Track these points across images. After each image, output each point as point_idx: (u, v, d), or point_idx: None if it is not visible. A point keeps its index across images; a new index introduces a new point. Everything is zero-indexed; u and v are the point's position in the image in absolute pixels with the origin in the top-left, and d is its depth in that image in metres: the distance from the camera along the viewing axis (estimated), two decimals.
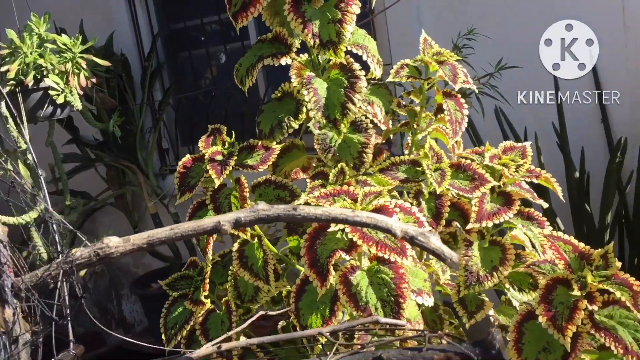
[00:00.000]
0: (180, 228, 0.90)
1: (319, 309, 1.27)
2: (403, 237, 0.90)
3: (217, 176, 1.40)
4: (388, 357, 0.81)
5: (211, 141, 1.50)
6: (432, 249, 0.89)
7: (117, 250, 0.90)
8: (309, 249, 1.24)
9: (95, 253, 0.89)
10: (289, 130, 1.48)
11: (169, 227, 0.91)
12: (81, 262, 0.89)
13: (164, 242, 0.90)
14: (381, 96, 1.54)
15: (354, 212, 0.93)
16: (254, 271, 1.46)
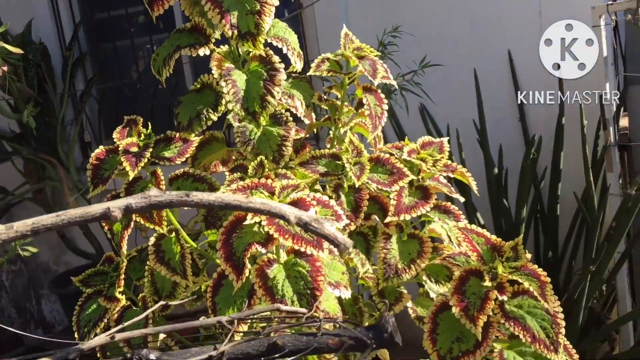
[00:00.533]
0: (67, 214, 0.87)
1: (235, 302, 1.25)
2: (297, 223, 0.90)
3: (132, 168, 1.36)
4: (283, 343, 0.81)
5: (127, 132, 1.46)
6: (326, 235, 0.90)
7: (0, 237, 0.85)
8: (224, 242, 1.22)
9: None
10: (207, 123, 1.45)
11: (55, 214, 0.87)
12: None
13: (50, 228, 0.86)
14: (302, 89, 1.53)
15: (247, 199, 0.92)
16: (171, 266, 1.42)
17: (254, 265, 1.22)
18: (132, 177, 1.37)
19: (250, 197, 0.92)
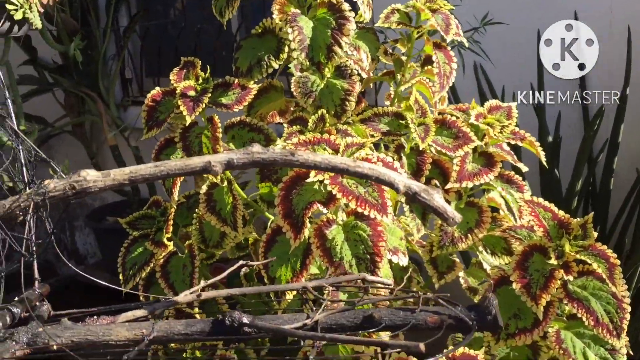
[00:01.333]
0: (167, 166, 0.82)
1: (289, 261, 1.21)
2: (406, 192, 0.85)
3: (189, 113, 1.30)
4: (380, 317, 0.76)
5: (183, 75, 1.40)
6: (435, 207, 0.84)
7: (96, 184, 0.81)
8: (284, 198, 1.17)
9: (70, 186, 0.81)
10: (268, 70, 1.38)
11: (154, 164, 0.82)
12: (55, 195, 0.80)
13: (147, 179, 0.82)
14: (368, 42, 1.45)
15: (355, 162, 0.86)
16: (222, 216, 1.38)
17: (312, 225, 1.17)
18: (189, 122, 1.32)
19: (357, 161, 0.86)
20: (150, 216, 1.55)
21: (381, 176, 0.85)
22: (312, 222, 1.18)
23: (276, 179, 1.34)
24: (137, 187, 3.57)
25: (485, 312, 0.80)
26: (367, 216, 1.14)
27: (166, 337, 0.75)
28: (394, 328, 0.77)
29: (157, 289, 1.51)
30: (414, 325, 0.77)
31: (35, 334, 0.74)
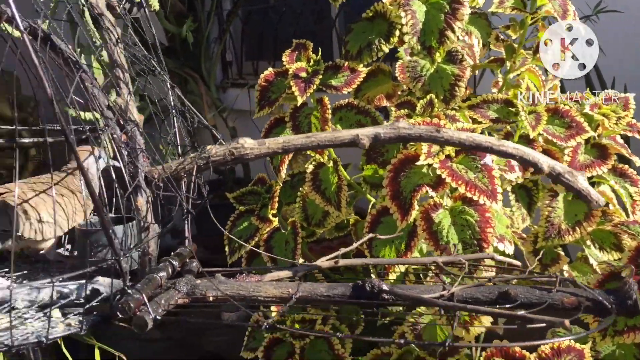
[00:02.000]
0: (317, 137, 0.87)
1: (393, 242, 1.23)
2: (549, 173, 0.85)
3: (301, 94, 1.34)
4: (516, 294, 0.77)
5: (295, 56, 1.44)
6: (579, 189, 0.84)
7: (252, 152, 0.87)
8: (392, 180, 1.19)
9: (230, 152, 0.88)
10: (378, 54, 1.40)
11: (305, 135, 0.87)
12: (216, 160, 0.88)
13: (299, 148, 0.87)
14: (480, 27, 1.43)
15: (499, 142, 0.87)
16: (326, 195, 1.42)
17: (419, 208, 1.18)
18: (300, 103, 1.36)
19: (501, 140, 0.87)
20: (256, 192, 1.61)
21: (525, 156, 0.85)
22: (418, 204, 1.19)
23: (382, 161, 1.36)
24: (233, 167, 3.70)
25: (626, 296, 0.78)
26: (476, 201, 1.14)
27: (310, 297, 0.80)
28: (529, 306, 0.77)
29: (259, 262, 1.57)
30: (550, 305, 0.77)
31: (193, 285, 0.81)
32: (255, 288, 0.81)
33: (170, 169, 0.87)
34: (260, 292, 0.81)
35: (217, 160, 0.88)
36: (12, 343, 0.71)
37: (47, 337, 0.73)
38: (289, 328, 1.15)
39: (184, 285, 0.80)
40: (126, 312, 0.71)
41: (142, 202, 0.79)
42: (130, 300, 0.72)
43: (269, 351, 1.51)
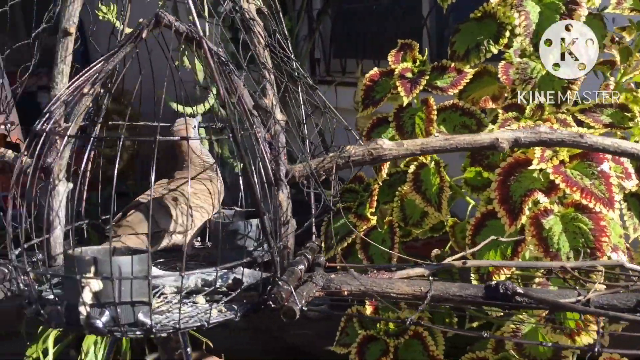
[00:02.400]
0: (456, 139, 0.89)
1: (499, 246, 1.21)
2: None
3: (407, 94, 1.35)
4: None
5: (401, 57, 1.44)
6: None
7: (390, 152, 0.90)
8: (501, 184, 1.17)
9: (368, 152, 0.90)
10: (486, 55, 1.38)
11: (444, 137, 0.89)
12: (355, 159, 0.91)
13: (437, 150, 0.89)
14: (595, 28, 1.38)
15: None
16: (427, 196, 1.42)
17: (528, 213, 1.16)
18: (406, 103, 1.36)
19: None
20: (353, 190, 1.63)
21: None
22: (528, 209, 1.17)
23: (488, 164, 1.34)
24: None
25: None
26: (590, 209, 1.11)
27: (442, 296, 0.81)
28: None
29: (354, 260, 1.59)
30: None
31: (329, 280, 0.84)
32: (388, 285, 0.83)
33: (310, 167, 0.90)
34: (393, 289, 0.82)
35: (356, 160, 0.90)
36: (179, 326, 0.76)
37: (209, 321, 0.77)
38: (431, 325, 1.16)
39: (320, 278, 0.83)
40: (278, 302, 0.75)
41: (283, 198, 0.82)
42: (282, 290, 0.75)
43: (362, 348, 1.53)
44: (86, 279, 0.74)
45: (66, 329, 0.77)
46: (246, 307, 0.82)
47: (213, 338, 2.62)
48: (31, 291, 0.81)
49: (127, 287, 0.75)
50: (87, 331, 0.76)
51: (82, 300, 0.74)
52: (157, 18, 0.79)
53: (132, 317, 0.76)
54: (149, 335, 0.77)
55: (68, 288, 0.78)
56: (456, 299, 0.81)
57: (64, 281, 0.79)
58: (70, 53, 0.97)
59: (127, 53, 0.81)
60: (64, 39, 0.96)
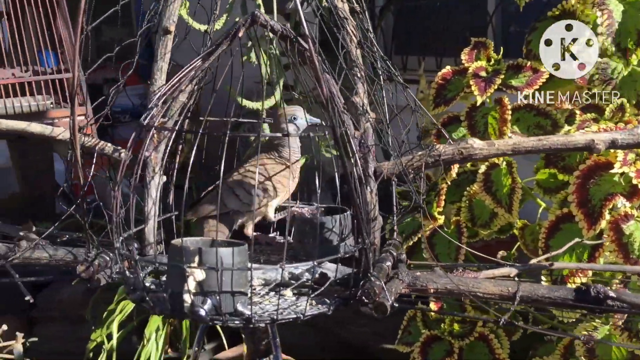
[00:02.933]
0: (549, 140, 0.88)
1: (574, 250, 1.19)
2: None
3: (481, 93, 1.33)
4: None
5: (474, 55, 1.42)
6: None
7: (481, 152, 0.90)
8: (579, 187, 1.15)
9: (459, 151, 0.91)
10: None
11: (537, 138, 0.88)
12: (445, 158, 0.91)
13: (529, 151, 0.88)
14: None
15: None
16: (497, 197, 1.40)
17: (608, 217, 1.13)
18: (479, 103, 1.35)
19: None
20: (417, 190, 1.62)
21: None
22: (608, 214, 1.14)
23: (563, 166, 1.31)
24: None
25: None
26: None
27: (531, 297, 0.81)
28: None
29: (418, 257, 1.58)
30: None
31: (414, 277, 0.85)
32: (475, 284, 0.83)
33: (401, 165, 0.90)
34: (480, 289, 0.82)
35: (445, 159, 0.90)
36: (276, 317, 0.79)
37: (304, 314, 0.80)
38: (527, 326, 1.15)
39: (407, 275, 0.83)
40: (371, 297, 0.76)
41: (371, 195, 0.83)
42: (375, 286, 0.76)
43: (425, 347, 1.52)
44: (191, 269, 0.77)
45: (170, 315, 0.79)
46: (338, 301, 0.83)
47: None
48: (138, 278, 0.84)
49: (227, 277, 0.78)
50: (191, 318, 0.78)
51: (186, 289, 0.77)
52: (253, 17, 0.81)
53: (232, 307, 0.79)
54: (248, 325, 0.79)
55: (172, 276, 0.80)
56: (545, 300, 0.80)
57: (168, 270, 0.82)
58: (169, 51, 1.00)
59: (223, 51, 0.83)
60: (164, 37, 1.00)
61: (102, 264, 0.86)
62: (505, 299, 0.81)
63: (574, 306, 0.81)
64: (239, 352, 2.68)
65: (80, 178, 0.88)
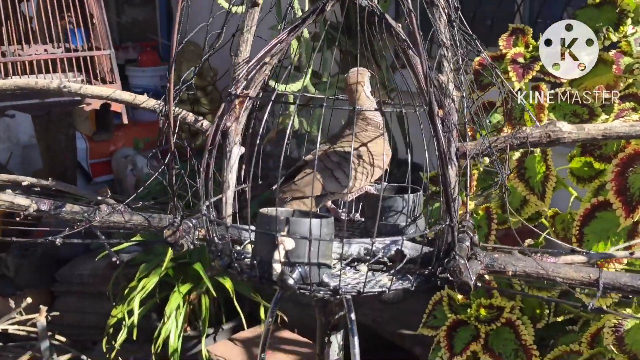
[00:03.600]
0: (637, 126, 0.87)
1: (609, 238, 1.19)
2: None
3: (519, 79, 1.33)
4: None
5: (512, 41, 1.42)
6: None
7: (570, 136, 0.90)
8: (618, 175, 1.15)
9: (546, 134, 0.91)
10: (605, 42, 1.34)
11: (629, 124, 0.88)
12: (532, 140, 0.91)
13: (621, 137, 0.88)
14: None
15: None
16: (530, 184, 1.40)
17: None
18: (517, 89, 1.34)
19: None
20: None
21: None
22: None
23: (600, 154, 1.31)
24: (396, 148, 3.73)
25: None
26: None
27: (613, 285, 0.81)
28: None
29: None
30: None
31: (492, 259, 0.85)
32: (555, 269, 0.83)
33: (482, 146, 0.90)
34: (560, 274, 0.83)
35: (532, 142, 0.90)
36: (362, 289, 0.81)
37: (390, 288, 0.82)
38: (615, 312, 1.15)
39: (486, 257, 0.84)
40: (457, 275, 0.77)
41: (452, 174, 0.84)
42: (460, 264, 0.77)
43: (451, 332, 1.53)
44: (282, 237, 0.78)
45: (258, 282, 0.81)
46: (420, 277, 0.84)
47: (286, 310, 2.68)
48: (227, 244, 0.85)
49: (315, 248, 0.79)
50: (279, 286, 0.79)
51: (276, 257, 0.78)
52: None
53: (318, 278, 0.80)
54: (335, 295, 0.80)
55: (262, 244, 0.81)
56: (627, 288, 0.80)
57: (257, 237, 0.83)
58: (256, 23, 1.01)
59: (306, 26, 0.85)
60: (251, 10, 1.00)
61: (186, 229, 0.88)
62: (586, 285, 0.81)
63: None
64: (257, 333, 2.71)
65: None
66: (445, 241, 0.83)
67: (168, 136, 0.84)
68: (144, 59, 4.69)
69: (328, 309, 1.00)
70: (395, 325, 2.55)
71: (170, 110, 0.83)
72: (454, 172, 0.85)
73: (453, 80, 0.92)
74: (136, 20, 5.37)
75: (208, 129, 1.00)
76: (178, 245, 0.88)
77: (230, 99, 0.90)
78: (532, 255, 0.87)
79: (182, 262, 2.71)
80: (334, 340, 1.08)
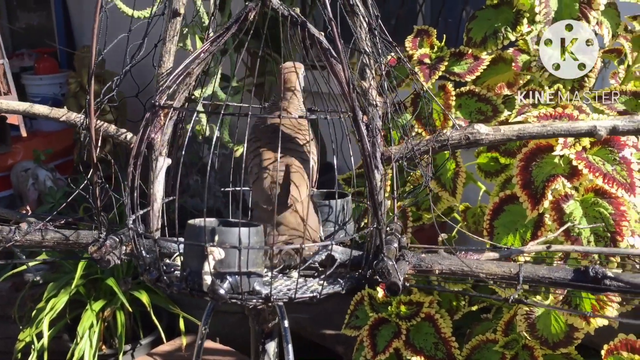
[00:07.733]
0: (553, 126, 0.90)
1: (517, 231, 1.24)
2: None
3: (426, 79, 1.36)
4: None
5: (417, 43, 1.45)
6: None
7: (487, 137, 0.91)
8: (523, 169, 1.19)
9: (465, 136, 0.91)
10: (504, 42, 1.40)
11: (541, 124, 0.90)
12: (452, 143, 0.91)
13: (534, 137, 0.90)
14: (609, 17, 1.41)
15: None
16: (442, 181, 1.43)
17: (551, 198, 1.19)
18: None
19: None
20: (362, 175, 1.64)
21: None
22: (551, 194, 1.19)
23: (505, 150, 1.36)
24: None
25: None
26: (609, 194, 1.14)
27: (532, 278, 0.83)
28: None
29: None
30: None
31: (420, 259, 0.86)
32: (478, 265, 0.85)
33: (405, 149, 0.91)
34: (483, 270, 0.85)
35: (452, 144, 0.92)
36: (294, 295, 0.80)
37: (320, 293, 0.81)
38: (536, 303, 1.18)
39: (413, 257, 0.85)
40: (385, 277, 0.77)
41: (378, 178, 0.84)
42: (388, 266, 0.77)
43: (373, 330, 1.55)
44: (211, 247, 0.76)
45: (188, 294, 0.78)
46: (350, 281, 0.84)
47: None
48: (156, 257, 0.83)
49: (245, 257, 0.78)
50: (210, 297, 0.77)
51: (206, 268, 0.76)
52: (263, 1, 0.80)
53: (248, 287, 0.79)
54: (267, 303, 0.80)
55: (191, 255, 0.80)
56: (545, 281, 0.83)
57: (186, 249, 0.81)
58: (177, 33, 0.97)
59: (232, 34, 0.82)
60: (173, 19, 0.96)
61: (112, 244, 0.83)
62: (507, 280, 0.84)
63: (573, 286, 0.84)
64: (176, 345, 2.64)
65: None
66: (373, 244, 0.84)
67: (90, 150, 0.80)
68: (41, 66, 4.44)
69: (262, 317, 0.99)
70: (316, 326, 2.56)
71: (91, 124, 0.79)
72: (380, 176, 0.86)
73: (375, 87, 0.92)
74: (30, 26, 5.09)
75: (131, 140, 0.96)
76: (104, 261, 0.84)
77: (155, 110, 0.86)
78: (456, 253, 0.89)
79: (93, 278, 2.59)
80: (268, 349, 1.07)
